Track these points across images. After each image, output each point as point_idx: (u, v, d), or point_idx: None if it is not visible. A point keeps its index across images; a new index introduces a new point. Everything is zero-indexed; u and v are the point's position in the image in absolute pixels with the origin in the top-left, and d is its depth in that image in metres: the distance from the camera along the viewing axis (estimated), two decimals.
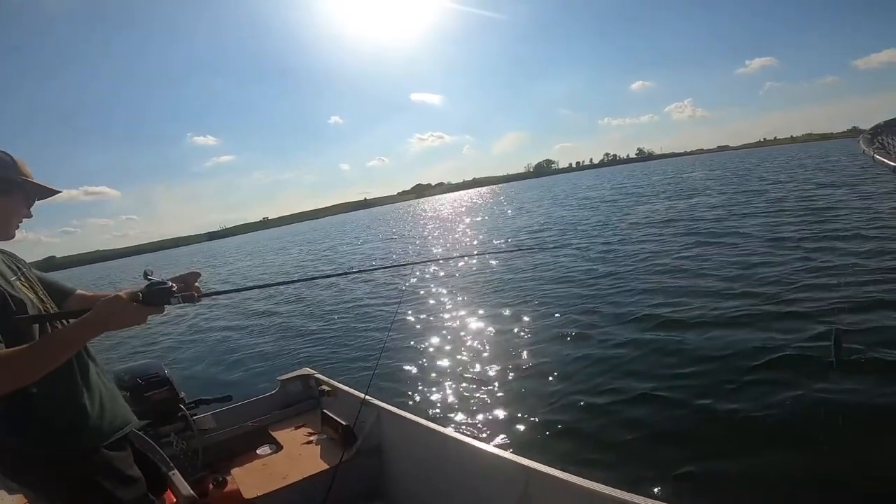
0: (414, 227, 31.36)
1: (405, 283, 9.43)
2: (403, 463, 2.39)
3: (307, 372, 3.21)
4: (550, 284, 7.96)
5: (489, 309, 7.06)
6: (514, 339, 5.59)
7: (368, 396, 2.50)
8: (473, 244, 16.52)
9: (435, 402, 4.24)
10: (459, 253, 14.58)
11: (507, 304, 7.14)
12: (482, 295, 8.06)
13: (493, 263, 10.37)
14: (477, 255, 10.73)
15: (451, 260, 10.94)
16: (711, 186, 22.58)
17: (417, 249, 17.60)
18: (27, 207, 1.44)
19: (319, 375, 3.15)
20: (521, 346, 5.32)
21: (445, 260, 10.81)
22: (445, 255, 14.50)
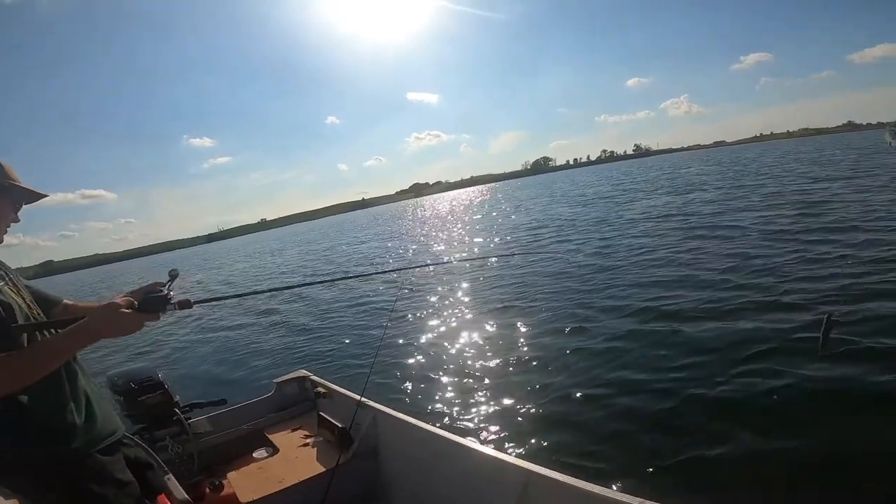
0: (413, 226, 31.35)
1: (401, 283, 9.42)
2: (400, 465, 2.38)
3: (303, 374, 3.20)
4: (547, 281, 7.95)
5: (486, 308, 7.04)
6: (510, 337, 5.58)
7: (364, 398, 2.50)
8: (473, 242, 16.51)
9: (432, 402, 4.21)
10: (458, 253, 14.58)
11: (503, 302, 7.12)
12: (479, 294, 8.05)
13: (489, 262, 10.36)
14: (469, 258, 10.73)
15: (446, 264, 10.92)
16: (708, 181, 22.64)
17: (416, 249, 17.59)
18: (14, 212, 1.44)
19: (315, 377, 3.14)
20: (517, 343, 5.31)
21: (439, 265, 10.80)
22: (445, 253, 14.56)
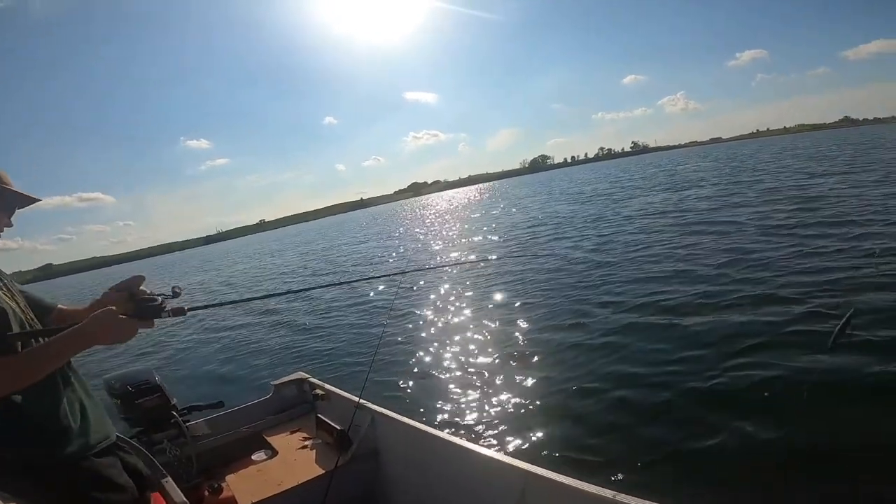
0: (412, 226, 31.31)
1: (400, 282, 9.40)
2: (399, 467, 2.38)
3: (301, 376, 3.19)
4: (544, 280, 7.96)
5: (484, 305, 7.05)
6: (508, 334, 5.58)
7: (363, 400, 2.49)
8: (472, 241, 16.50)
9: (430, 400, 4.20)
10: (456, 252, 14.59)
11: (500, 301, 7.13)
12: (476, 292, 8.05)
13: (486, 261, 10.34)
14: (466, 262, 10.75)
15: (445, 267, 10.94)
16: (705, 178, 22.66)
17: (415, 248, 17.58)
18: (8, 217, 1.45)
19: (313, 379, 3.13)
20: (515, 342, 5.31)
21: (437, 268, 10.81)
22: (444, 252, 14.55)
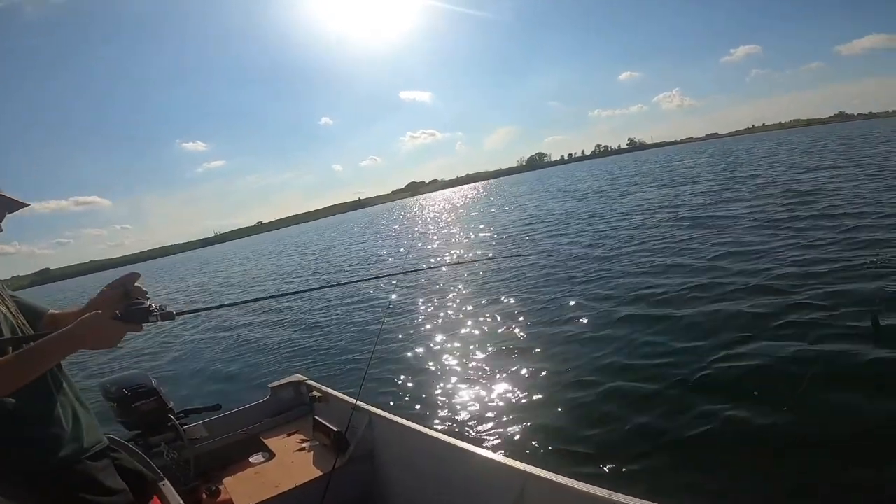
0: (411, 225, 31.30)
1: (398, 282, 9.40)
2: (397, 468, 2.38)
3: (298, 378, 3.20)
4: (540, 276, 7.97)
5: (480, 303, 7.05)
6: (503, 332, 5.59)
7: (360, 402, 2.50)
8: (470, 240, 16.51)
9: (427, 404, 4.19)
10: (455, 251, 14.58)
11: (496, 298, 7.13)
12: (473, 290, 8.05)
13: (482, 260, 10.34)
14: (463, 262, 10.76)
15: (442, 267, 10.95)
16: (701, 174, 22.71)
17: (414, 247, 17.55)
18: None
19: (310, 381, 3.14)
20: (510, 338, 5.32)
21: (435, 268, 10.81)
22: (442, 251, 14.56)
